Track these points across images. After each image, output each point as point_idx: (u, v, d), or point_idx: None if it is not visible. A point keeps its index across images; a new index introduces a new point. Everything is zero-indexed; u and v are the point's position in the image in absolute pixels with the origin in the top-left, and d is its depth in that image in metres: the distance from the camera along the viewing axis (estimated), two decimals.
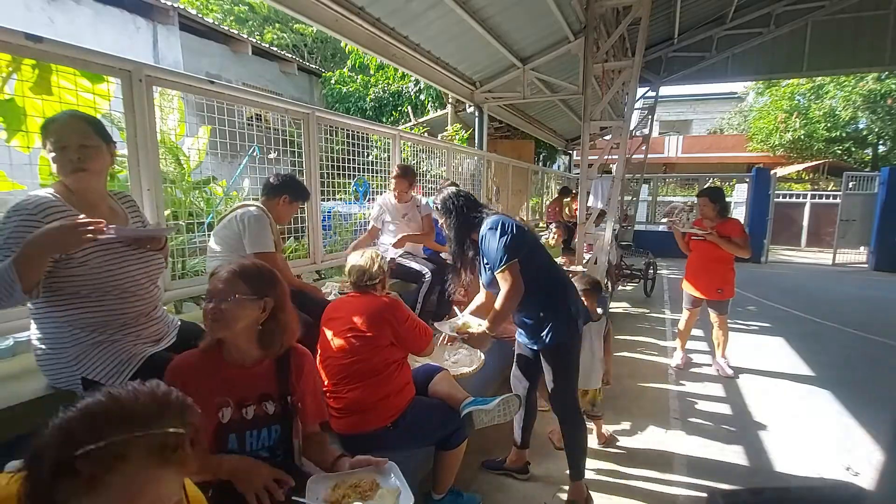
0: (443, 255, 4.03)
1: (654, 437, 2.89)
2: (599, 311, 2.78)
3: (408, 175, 3.42)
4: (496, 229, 2.01)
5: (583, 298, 2.45)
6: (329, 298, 2.54)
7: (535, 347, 2.19)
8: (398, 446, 1.86)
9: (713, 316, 3.98)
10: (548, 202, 9.48)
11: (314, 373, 1.53)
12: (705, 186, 4.05)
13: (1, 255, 1.28)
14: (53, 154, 1.42)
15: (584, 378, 2.67)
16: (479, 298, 2.33)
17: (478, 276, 2.27)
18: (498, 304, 2.00)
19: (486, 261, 2.10)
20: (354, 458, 1.38)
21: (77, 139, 1.44)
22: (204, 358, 1.34)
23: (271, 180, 2.41)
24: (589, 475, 2.49)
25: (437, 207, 2.24)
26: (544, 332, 2.08)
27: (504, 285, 1.97)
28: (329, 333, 1.92)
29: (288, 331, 1.39)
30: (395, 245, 3.34)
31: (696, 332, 5.21)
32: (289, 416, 1.39)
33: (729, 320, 5.76)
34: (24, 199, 1.37)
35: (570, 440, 2.22)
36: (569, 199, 8.36)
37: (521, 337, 2.31)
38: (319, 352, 1.94)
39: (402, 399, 1.91)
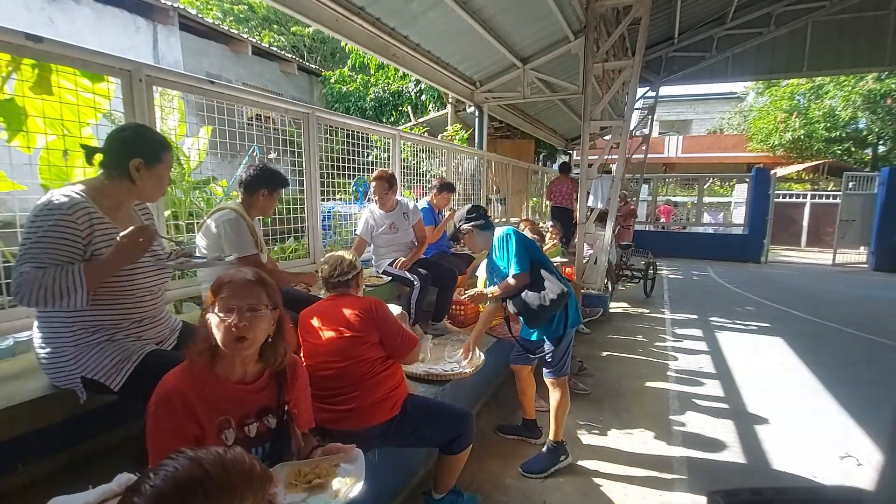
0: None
1: (653, 437, 2.89)
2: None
3: (385, 179, 3.18)
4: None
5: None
6: (320, 295, 2.48)
7: None
8: (403, 439, 1.87)
9: None
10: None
11: (305, 378, 1.48)
12: None
13: (40, 253, 1.28)
14: (152, 170, 1.49)
15: None
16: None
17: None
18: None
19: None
20: (326, 446, 1.36)
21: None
22: (194, 379, 1.19)
23: (244, 176, 2.25)
24: (589, 474, 2.49)
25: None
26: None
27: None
28: (315, 337, 1.86)
29: (290, 342, 1.35)
30: (401, 267, 3.26)
31: (694, 331, 5.23)
32: (288, 425, 1.34)
33: (728, 321, 5.83)
34: (58, 199, 1.34)
35: None
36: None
37: None
38: (303, 358, 1.84)
39: (401, 392, 1.92)
